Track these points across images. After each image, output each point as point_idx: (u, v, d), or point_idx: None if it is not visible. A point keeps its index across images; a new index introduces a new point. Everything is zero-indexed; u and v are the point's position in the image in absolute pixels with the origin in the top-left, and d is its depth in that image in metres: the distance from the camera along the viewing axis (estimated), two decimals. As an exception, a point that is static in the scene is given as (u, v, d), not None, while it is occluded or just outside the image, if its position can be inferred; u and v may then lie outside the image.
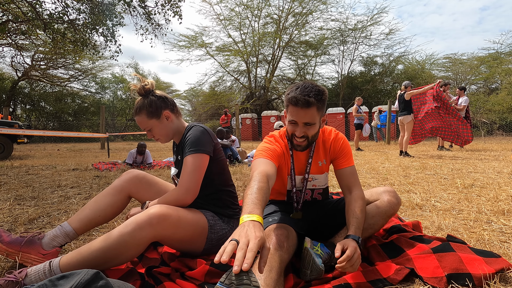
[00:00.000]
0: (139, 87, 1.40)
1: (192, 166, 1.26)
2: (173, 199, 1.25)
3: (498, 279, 0.99)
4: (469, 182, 2.88)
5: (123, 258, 1.07)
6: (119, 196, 1.41)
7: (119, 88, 23.86)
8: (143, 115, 1.37)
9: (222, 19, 18.48)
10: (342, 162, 1.36)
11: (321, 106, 1.21)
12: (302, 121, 1.21)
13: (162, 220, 1.08)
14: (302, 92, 1.17)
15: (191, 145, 1.30)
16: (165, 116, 1.40)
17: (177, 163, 1.47)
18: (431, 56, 20.65)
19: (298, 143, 1.27)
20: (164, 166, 4.88)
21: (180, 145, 1.41)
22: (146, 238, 1.06)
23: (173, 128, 1.43)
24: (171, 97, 1.48)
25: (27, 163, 5.42)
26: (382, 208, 1.26)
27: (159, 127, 1.39)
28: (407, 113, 5.82)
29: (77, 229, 1.32)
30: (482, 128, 14.42)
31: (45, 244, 1.25)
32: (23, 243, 1.21)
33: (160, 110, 1.38)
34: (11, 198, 2.54)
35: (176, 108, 1.46)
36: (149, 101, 1.37)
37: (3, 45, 14.29)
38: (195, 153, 1.28)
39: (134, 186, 1.44)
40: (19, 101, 19.14)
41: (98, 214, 1.35)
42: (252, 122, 16.89)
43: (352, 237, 1.10)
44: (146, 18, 8.70)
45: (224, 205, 1.42)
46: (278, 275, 0.98)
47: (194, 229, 1.22)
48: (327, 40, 19.09)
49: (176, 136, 1.46)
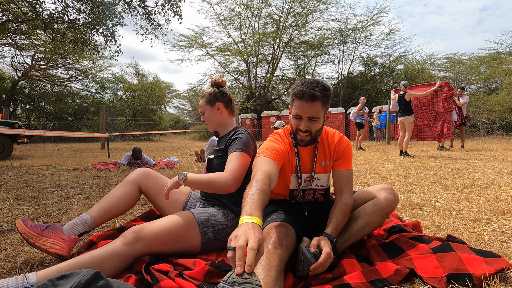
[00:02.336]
0: (212, 80, 1.65)
1: (239, 161, 1.37)
2: (222, 181, 1.31)
3: (498, 279, 1.00)
4: (469, 182, 2.88)
5: (106, 274, 1.08)
6: (131, 187, 1.54)
7: (119, 88, 23.83)
8: (204, 99, 1.61)
9: (222, 19, 18.48)
10: (341, 164, 1.39)
11: (325, 101, 1.24)
12: (306, 115, 1.23)
13: (143, 235, 1.17)
14: (308, 86, 1.21)
15: (240, 144, 1.43)
16: (217, 107, 1.58)
17: (214, 151, 1.59)
18: (431, 56, 20.65)
19: (301, 137, 1.28)
20: (164, 166, 4.88)
21: (225, 139, 1.54)
22: (132, 254, 1.14)
23: (221, 120, 1.60)
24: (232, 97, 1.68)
25: (27, 163, 5.42)
26: (380, 205, 1.26)
27: (210, 114, 1.59)
28: (408, 114, 5.82)
29: (95, 217, 1.41)
30: (482, 128, 14.41)
31: (66, 230, 1.33)
32: (45, 227, 1.29)
33: (215, 100, 1.58)
34: (11, 198, 2.54)
35: (231, 106, 1.64)
36: (212, 91, 1.61)
37: (3, 45, 14.27)
38: (244, 152, 1.41)
39: (143, 179, 1.58)
40: (19, 101, 19.11)
41: (113, 203, 1.46)
42: (252, 122, 16.89)
43: (328, 236, 1.15)
44: (146, 18, 8.68)
45: (236, 203, 1.45)
46: (278, 274, 0.97)
47: (178, 229, 1.25)
48: (327, 40, 19.08)
49: (221, 129, 1.63)
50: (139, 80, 24.66)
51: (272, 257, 1.01)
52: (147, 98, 22.90)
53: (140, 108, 23.20)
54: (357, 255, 1.26)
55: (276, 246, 1.06)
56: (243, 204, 0.92)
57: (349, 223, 1.29)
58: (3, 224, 1.85)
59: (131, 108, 23.40)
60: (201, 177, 1.32)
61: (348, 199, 1.30)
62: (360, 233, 1.27)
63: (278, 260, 1.01)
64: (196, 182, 1.31)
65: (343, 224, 1.25)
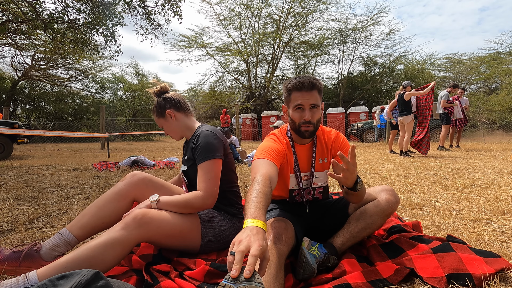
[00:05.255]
0: (151, 92, 1.52)
1: (210, 173, 1.30)
2: (199, 202, 1.25)
3: (498, 279, 0.99)
4: (469, 182, 2.88)
5: (108, 264, 1.04)
6: (124, 202, 1.35)
7: (119, 88, 23.83)
8: (154, 115, 1.51)
9: (222, 19, 18.49)
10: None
11: (320, 91, 1.29)
12: (309, 103, 1.25)
13: (147, 220, 1.11)
14: (303, 77, 1.26)
15: (204, 152, 1.33)
16: (169, 115, 1.47)
17: (184, 161, 1.51)
18: (431, 56, 20.69)
19: (305, 128, 1.28)
20: (164, 166, 4.88)
21: (190, 144, 1.44)
22: (133, 240, 1.08)
23: (180, 126, 1.49)
24: (180, 96, 1.54)
25: (27, 163, 5.42)
26: (381, 207, 1.25)
27: (166, 125, 1.50)
28: (407, 113, 5.82)
29: (79, 236, 1.26)
30: (482, 128, 14.41)
31: (45, 255, 1.19)
32: (21, 257, 1.15)
33: (164, 110, 1.47)
34: (11, 198, 2.54)
35: (182, 107, 1.50)
36: (157, 102, 1.49)
37: (3, 45, 14.27)
38: (210, 159, 1.32)
39: (140, 191, 1.38)
40: (19, 101, 19.10)
41: (101, 221, 1.29)
42: (252, 122, 16.89)
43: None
44: (146, 18, 8.68)
45: (229, 204, 1.44)
46: (277, 270, 0.97)
47: (182, 225, 1.22)
48: (327, 40, 19.10)
49: (186, 133, 1.51)
50: (139, 80, 24.66)
51: (271, 253, 1.00)
52: (147, 98, 22.90)
53: (140, 108, 23.20)
54: (357, 255, 1.26)
55: (275, 242, 1.05)
56: (247, 207, 0.91)
57: (349, 224, 1.29)
58: (3, 224, 1.85)
59: (131, 108, 23.38)
60: (176, 199, 1.24)
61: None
62: (361, 235, 1.27)
63: (277, 255, 1.00)
64: (170, 204, 1.23)
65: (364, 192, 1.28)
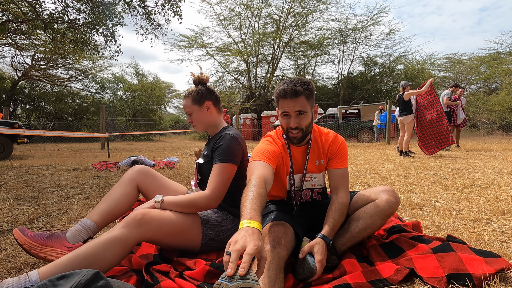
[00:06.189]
0: (195, 77, 1.54)
1: (222, 175, 1.33)
2: (204, 202, 1.28)
3: (498, 279, 0.99)
4: (469, 182, 2.88)
5: (108, 262, 1.05)
6: (130, 187, 1.48)
7: (119, 88, 23.83)
8: (189, 99, 1.51)
9: (222, 19, 18.49)
10: (336, 163, 1.39)
11: (309, 95, 1.27)
12: (294, 110, 1.25)
13: (148, 219, 1.12)
14: (289, 84, 1.24)
15: (223, 154, 1.36)
16: (206, 106, 1.51)
17: (203, 155, 1.54)
18: (431, 56, 20.70)
19: (293, 135, 1.29)
20: (164, 166, 4.88)
21: (213, 142, 1.47)
22: (133, 238, 1.09)
23: (210, 120, 1.53)
24: (218, 94, 1.58)
25: (27, 163, 5.42)
26: (381, 207, 1.25)
27: (198, 114, 1.51)
28: (407, 113, 5.82)
29: (97, 222, 1.35)
30: (482, 128, 14.41)
31: (70, 238, 1.26)
32: (46, 236, 1.23)
33: (203, 99, 1.50)
34: (11, 198, 2.54)
35: (219, 104, 1.56)
36: (198, 89, 1.51)
37: (3, 45, 14.27)
38: (226, 163, 1.34)
39: (141, 178, 1.52)
40: (19, 101, 19.09)
41: (114, 205, 1.41)
42: (252, 122, 16.89)
43: (324, 239, 1.16)
44: (146, 18, 8.68)
45: (233, 204, 1.45)
46: (276, 273, 0.97)
47: (183, 224, 1.23)
48: (327, 40, 19.11)
49: (211, 129, 1.55)
50: (139, 80, 24.66)
51: (271, 256, 1.01)
52: (147, 98, 22.90)
53: (140, 108, 23.20)
54: (357, 255, 1.26)
55: (274, 245, 1.05)
56: (242, 208, 0.92)
57: (350, 224, 1.29)
58: (3, 224, 1.85)
59: (131, 108, 23.37)
60: (180, 199, 1.28)
61: (344, 198, 1.31)
62: (361, 235, 1.27)
63: (277, 259, 1.01)
64: (174, 204, 1.26)
65: (339, 224, 1.25)
